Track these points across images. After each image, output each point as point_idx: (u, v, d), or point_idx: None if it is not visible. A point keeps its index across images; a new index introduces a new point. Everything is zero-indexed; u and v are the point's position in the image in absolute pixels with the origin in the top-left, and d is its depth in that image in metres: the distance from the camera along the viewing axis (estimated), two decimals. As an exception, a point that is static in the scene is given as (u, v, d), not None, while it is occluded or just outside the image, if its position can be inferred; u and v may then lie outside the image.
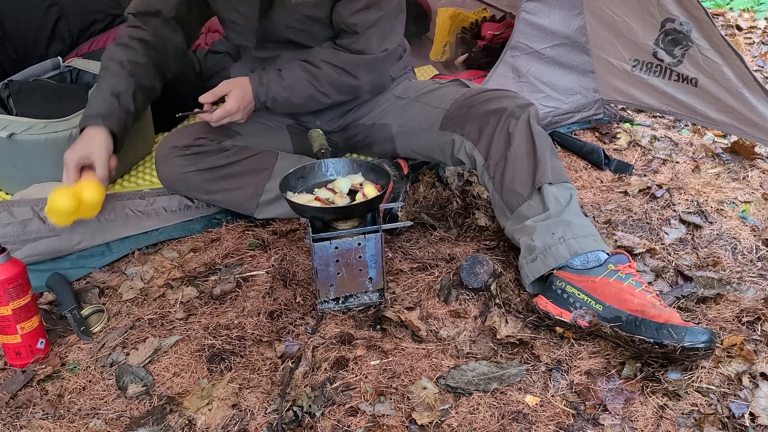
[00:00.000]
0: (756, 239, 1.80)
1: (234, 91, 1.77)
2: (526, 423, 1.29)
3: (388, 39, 1.82)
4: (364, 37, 1.78)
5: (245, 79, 1.80)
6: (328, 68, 1.80)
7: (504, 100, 1.71)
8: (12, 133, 1.85)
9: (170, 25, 1.91)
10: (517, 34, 2.24)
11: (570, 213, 1.57)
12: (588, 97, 2.39)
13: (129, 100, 1.82)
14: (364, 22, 1.75)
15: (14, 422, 1.35)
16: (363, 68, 1.83)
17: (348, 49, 1.80)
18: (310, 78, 1.81)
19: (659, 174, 2.16)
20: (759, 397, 1.31)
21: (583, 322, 1.45)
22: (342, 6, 1.75)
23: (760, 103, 1.93)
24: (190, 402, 1.37)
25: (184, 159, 1.82)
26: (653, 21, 2.06)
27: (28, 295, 1.44)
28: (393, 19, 1.82)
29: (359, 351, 1.47)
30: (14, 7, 2.35)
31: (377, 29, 1.78)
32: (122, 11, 2.55)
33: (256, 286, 1.70)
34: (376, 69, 1.86)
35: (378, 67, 1.86)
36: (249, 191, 1.87)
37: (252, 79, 1.80)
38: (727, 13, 3.92)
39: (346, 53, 1.80)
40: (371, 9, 1.75)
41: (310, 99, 1.85)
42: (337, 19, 1.78)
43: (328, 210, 1.54)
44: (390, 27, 1.82)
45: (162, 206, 1.92)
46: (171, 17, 1.90)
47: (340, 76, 1.82)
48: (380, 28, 1.79)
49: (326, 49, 1.82)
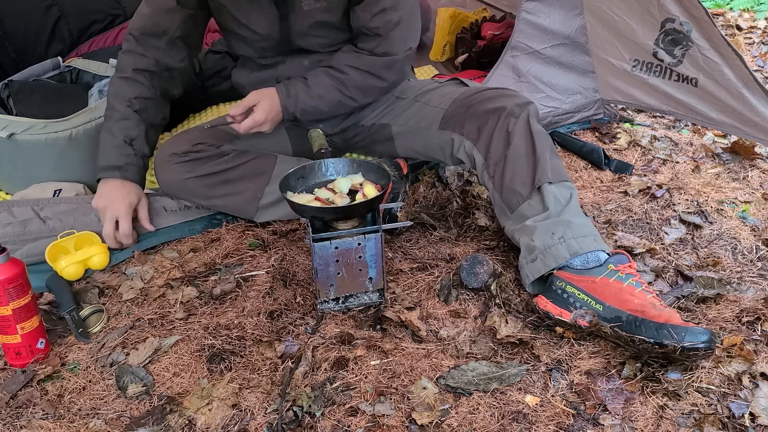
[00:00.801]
0: (756, 239, 1.80)
1: (262, 103, 1.77)
2: (526, 423, 1.29)
3: (410, 38, 1.83)
4: (388, 40, 1.78)
5: (273, 90, 1.80)
6: (354, 73, 1.81)
7: (503, 98, 1.70)
8: (12, 133, 1.85)
9: (176, 46, 1.86)
10: (517, 34, 2.24)
11: (570, 212, 1.57)
12: (588, 97, 2.39)
13: (143, 144, 1.84)
14: (385, 24, 1.75)
15: (14, 422, 1.35)
16: (388, 69, 1.83)
17: (372, 52, 1.80)
18: (337, 84, 1.81)
19: (659, 174, 2.16)
20: (759, 397, 1.31)
21: (583, 322, 1.45)
22: (361, 10, 1.74)
23: (760, 103, 1.93)
24: (190, 402, 1.37)
25: (183, 165, 1.82)
26: (653, 21, 2.06)
27: (28, 295, 1.44)
28: (412, 17, 1.82)
29: (359, 351, 1.47)
30: (14, 7, 2.35)
31: (399, 30, 1.78)
32: (122, 11, 2.57)
33: (256, 286, 1.70)
34: (399, 69, 1.87)
35: (401, 67, 1.87)
36: (248, 195, 1.86)
37: (279, 91, 1.80)
38: (727, 13, 3.92)
39: (371, 56, 1.80)
40: (390, 11, 1.74)
41: (338, 105, 1.86)
42: (357, 24, 1.77)
43: (328, 210, 1.54)
44: (410, 25, 1.82)
45: (162, 206, 1.92)
46: (177, 37, 1.85)
47: (367, 79, 1.82)
48: (402, 29, 1.78)
49: (349, 53, 1.82)
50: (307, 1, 1.75)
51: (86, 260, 1.75)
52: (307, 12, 1.76)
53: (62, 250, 1.75)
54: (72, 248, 1.76)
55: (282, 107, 1.80)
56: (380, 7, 1.73)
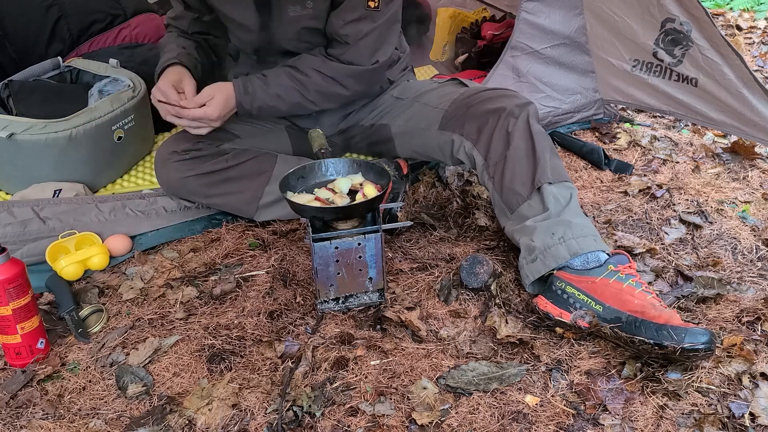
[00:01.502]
0: (756, 239, 1.80)
1: (217, 98, 1.73)
2: (526, 423, 1.29)
3: (380, 51, 1.80)
4: (355, 49, 1.76)
5: (229, 86, 1.76)
6: (316, 77, 1.78)
7: (503, 99, 1.70)
8: (12, 133, 1.85)
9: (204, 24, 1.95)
10: (517, 34, 2.24)
11: (570, 213, 1.57)
12: (588, 97, 2.39)
13: (194, 52, 1.88)
14: (356, 33, 1.73)
15: (14, 422, 1.35)
16: (352, 78, 1.81)
17: (338, 59, 1.78)
18: (297, 86, 1.79)
19: (659, 174, 2.16)
20: (759, 397, 1.31)
21: (583, 322, 1.45)
22: (335, 15, 1.73)
23: (760, 103, 1.93)
24: (190, 402, 1.37)
25: (183, 164, 1.82)
26: (653, 21, 2.05)
27: (28, 295, 1.44)
28: (386, 30, 1.79)
29: (359, 351, 1.47)
30: (14, 7, 2.35)
31: (369, 41, 1.76)
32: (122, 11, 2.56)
33: (256, 286, 1.70)
34: (366, 80, 1.84)
35: (368, 78, 1.84)
36: (248, 195, 1.86)
37: (236, 87, 1.76)
38: (727, 13, 3.92)
39: (336, 63, 1.78)
40: (364, 21, 1.72)
41: (297, 107, 1.84)
42: (329, 29, 1.77)
43: (328, 210, 1.54)
44: (382, 39, 1.79)
45: (162, 206, 1.92)
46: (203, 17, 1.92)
47: (329, 85, 1.80)
48: (372, 40, 1.76)
49: (316, 56, 1.80)
50: (293, 8, 1.74)
51: (86, 260, 1.75)
52: (294, 18, 1.76)
53: (62, 250, 1.75)
54: (72, 248, 1.76)
55: (237, 104, 1.77)
56: (354, 16, 1.71)
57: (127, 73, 2.19)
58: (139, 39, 2.55)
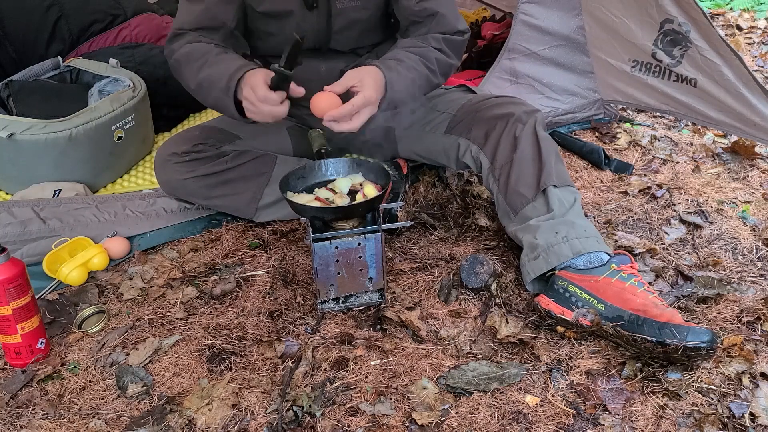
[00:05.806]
0: (756, 239, 1.80)
1: (366, 80, 1.54)
2: (526, 423, 1.29)
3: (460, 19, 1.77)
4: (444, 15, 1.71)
5: (368, 67, 1.60)
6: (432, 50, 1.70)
7: (511, 105, 1.72)
8: (12, 133, 1.85)
9: (233, 36, 1.79)
10: (514, 36, 2.24)
11: (574, 215, 1.58)
12: (588, 98, 2.39)
13: None
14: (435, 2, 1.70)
15: (14, 422, 1.35)
16: (456, 50, 1.76)
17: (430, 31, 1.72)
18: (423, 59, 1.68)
19: (659, 174, 2.16)
20: (759, 397, 1.31)
21: (585, 321, 1.45)
22: None
23: (760, 102, 1.93)
24: (190, 402, 1.37)
25: (183, 165, 1.82)
26: (652, 22, 2.06)
27: (28, 295, 1.44)
28: None
29: (359, 351, 1.47)
30: (14, 7, 2.35)
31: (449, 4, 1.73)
32: (122, 11, 2.56)
33: (256, 286, 1.70)
34: (461, 52, 1.80)
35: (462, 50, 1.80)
36: (248, 196, 1.86)
37: (376, 65, 1.60)
38: (727, 13, 3.93)
39: (439, 35, 1.72)
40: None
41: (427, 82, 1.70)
42: (405, 12, 1.72)
43: (328, 210, 1.54)
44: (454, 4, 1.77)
45: (162, 207, 1.92)
46: (233, 28, 1.76)
47: (445, 57, 1.73)
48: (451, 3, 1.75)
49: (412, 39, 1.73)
50: (341, 1, 1.71)
51: (87, 263, 1.75)
52: (341, 10, 1.73)
53: (59, 259, 1.74)
54: (68, 255, 1.75)
55: (387, 83, 1.57)
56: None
57: (127, 73, 2.19)
58: (139, 39, 2.55)
